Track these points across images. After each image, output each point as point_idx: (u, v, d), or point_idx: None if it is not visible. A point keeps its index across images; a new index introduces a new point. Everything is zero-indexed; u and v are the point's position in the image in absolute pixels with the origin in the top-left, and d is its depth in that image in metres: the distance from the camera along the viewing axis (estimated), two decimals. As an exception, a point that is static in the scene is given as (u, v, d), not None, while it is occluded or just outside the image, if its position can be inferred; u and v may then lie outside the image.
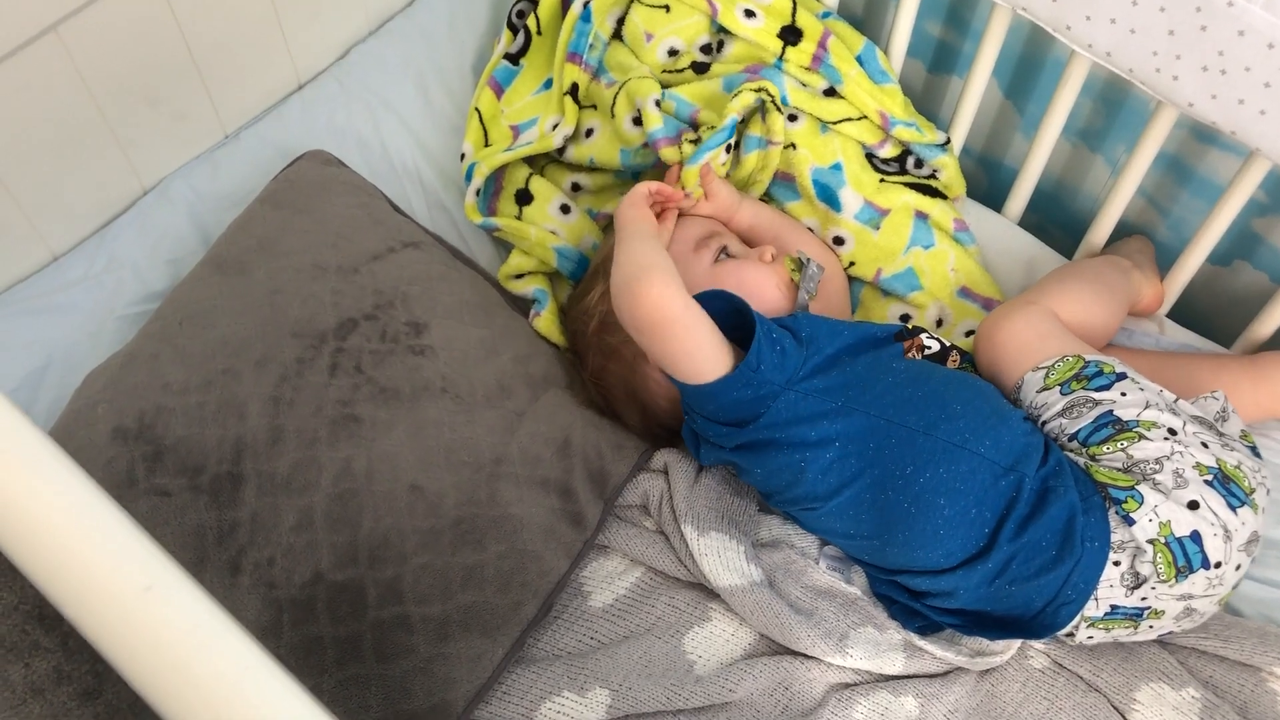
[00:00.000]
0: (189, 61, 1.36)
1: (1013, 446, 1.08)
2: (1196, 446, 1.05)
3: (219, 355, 1.18)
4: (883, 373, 1.13)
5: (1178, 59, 1.10)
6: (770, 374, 1.09)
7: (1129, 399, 1.08)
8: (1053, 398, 1.11)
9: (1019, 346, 1.15)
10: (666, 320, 1.07)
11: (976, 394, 1.13)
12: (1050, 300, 1.20)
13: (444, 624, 1.08)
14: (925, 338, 1.19)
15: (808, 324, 1.15)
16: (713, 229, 1.26)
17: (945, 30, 1.44)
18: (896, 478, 1.07)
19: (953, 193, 1.40)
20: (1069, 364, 1.12)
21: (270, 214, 1.32)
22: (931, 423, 1.08)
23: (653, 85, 1.31)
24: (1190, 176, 1.33)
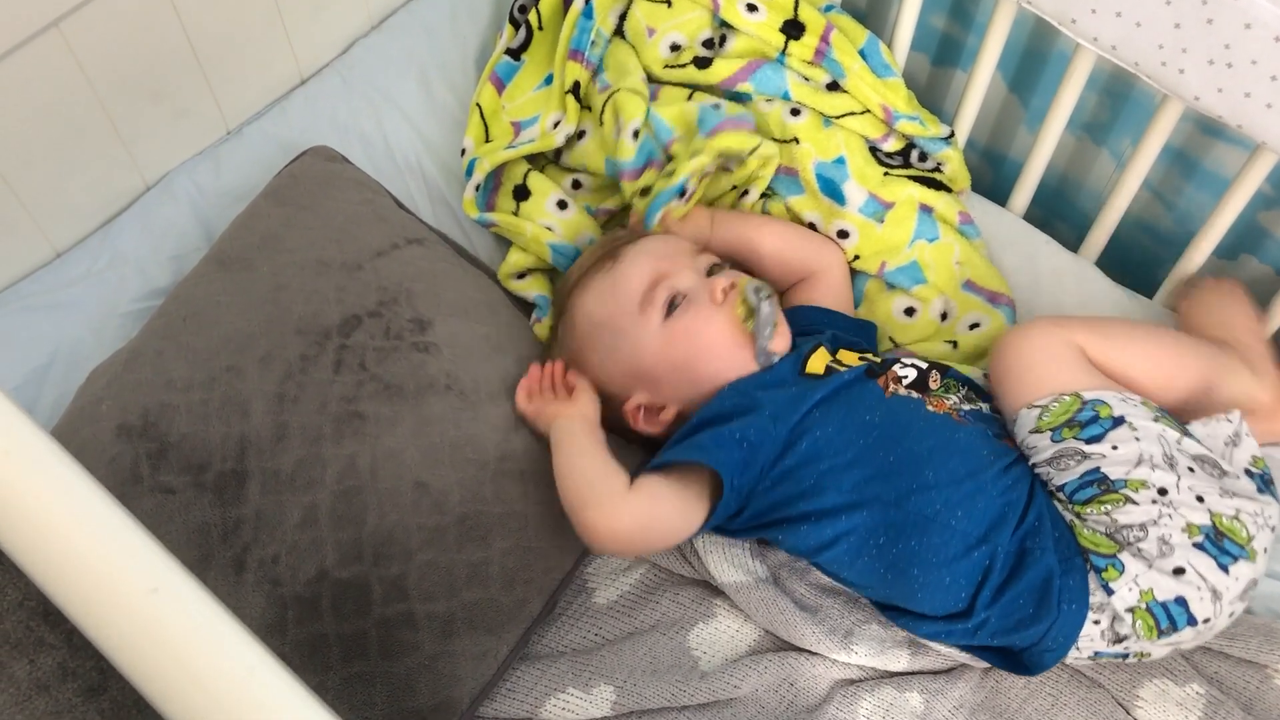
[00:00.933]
0: (191, 57, 1.36)
1: (987, 512, 1.06)
2: (1189, 505, 1.01)
3: (223, 352, 1.18)
4: (855, 433, 1.10)
5: (1184, 52, 1.09)
6: (746, 480, 1.09)
7: (1120, 453, 1.03)
8: (1043, 443, 1.07)
9: (1023, 370, 1.11)
10: (627, 542, 1.08)
11: (953, 453, 1.09)
12: (1079, 329, 1.13)
13: (449, 621, 1.08)
14: (899, 367, 1.16)
15: (770, 402, 1.12)
16: (657, 274, 1.17)
17: (949, 23, 1.43)
18: (870, 546, 1.08)
19: (957, 186, 1.40)
20: (1064, 406, 1.07)
21: (274, 210, 1.32)
22: (903, 494, 1.07)
23: (638, 106, 1.29)
24: (1196, 170, 1.33)
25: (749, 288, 1.16)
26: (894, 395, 1.13)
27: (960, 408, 1.14)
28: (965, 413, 1.14)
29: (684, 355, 1.16)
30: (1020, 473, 1.09)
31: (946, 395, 1.16)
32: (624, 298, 1.18)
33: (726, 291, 1.16)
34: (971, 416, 1.14)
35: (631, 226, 1.28)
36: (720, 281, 1.16)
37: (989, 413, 1.15)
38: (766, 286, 1.16)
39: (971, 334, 1.32)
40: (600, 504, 1.06)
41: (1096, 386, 1.07)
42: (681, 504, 1.08)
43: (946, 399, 1.15)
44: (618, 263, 1.20)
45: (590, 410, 1.16)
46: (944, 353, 1.30)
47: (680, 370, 1.16)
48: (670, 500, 1.08)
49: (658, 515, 1.07)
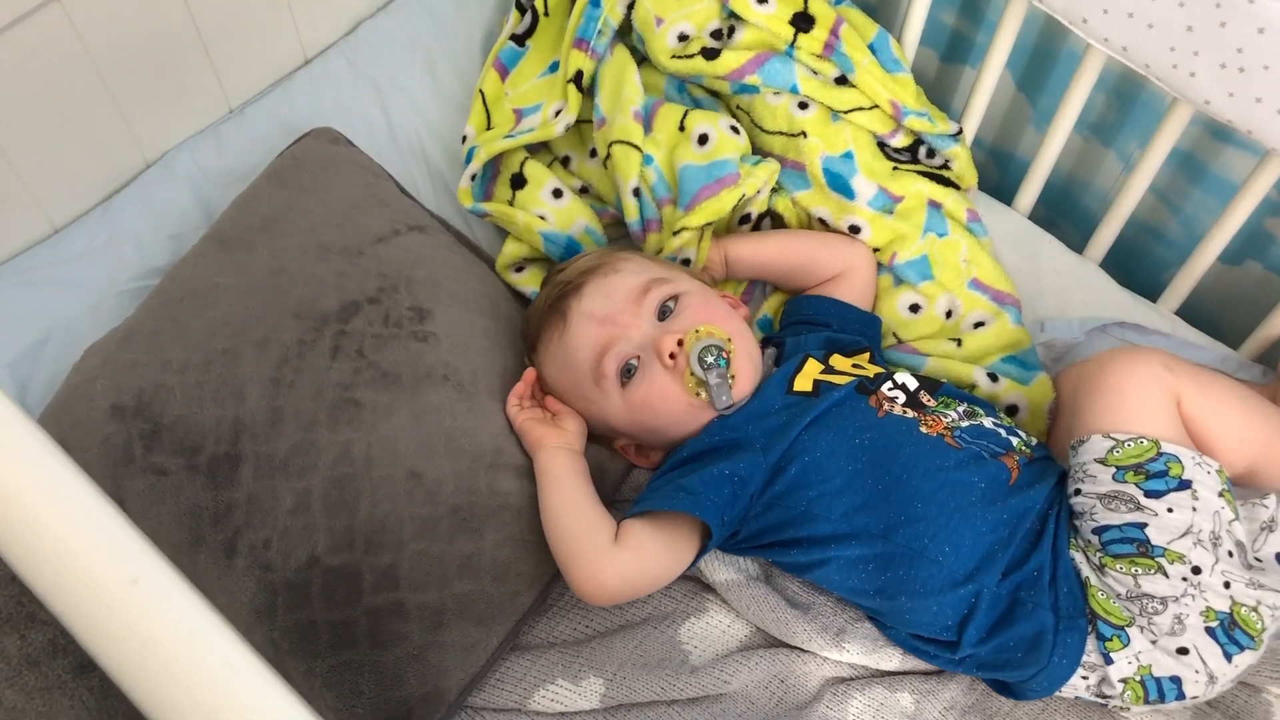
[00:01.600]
0: (194, 34, 1.35)
1: (975, 549, 1.04)
2: (1215, 589, 0.99)
3: (219, 334, 1.17)
4: (845, 458, 1.09)
5: (1195, 55, 1.08)
6: (735, 513, 1.09)
7: (1172, 518, 1.00)
8: (1103, 475, 1.04)
9: (1117, 397, 1.06)
10: (614, 596, 1.07)
11: (943, 483, 1.07)
12: (1186, 379, 1.07)
13: (439, 612, 1.08)
14: (888, 388, 1.14)
15: (760, 434, 1.11)
16: (603, 342, 1.14)
17: (959, 20, 1.42)
18: (860, 571, 1.08)
19: (964, 183, 1.39)
20: (1140, 449, 1.03)
21: (275, 192, 1.31)
22: (892, 526, 1.06)
23: (633, 164, 1.29)
24: (1203, 174, 1.32)
25: (694, 360, 1.11)
26: (887, 415, 1.11)
27: (958, 426, 1.12)
28: (962, 431, 1.11)
29: (649, 422, 1.15)
30: (1021, 506, 1.06)
31: (944, 411, 1.13)
32: (578, 370, 1.16)
33: (675, 354, 1.12)
34: (969, 435, 1.11)
35: None
36: (666, 344, 1.12)
37: (991, 427, 1.13)
38: (715, 346, 1.12)
39: (976, 333, 1.31)
40: (586, 562, 1.06)
41: (1177, 441, 1.03)
42: (668, 550, 1.08)
43: (944, 416, 1.13)
44: (566, 327, 1.17)
45: (576, 441, 1.16)
46: (947, 350, 1.29)
47: (650, 431, 1.17)
48: (656, 549, 1.08)
49: (645, 567, 1.07)
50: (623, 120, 1.30)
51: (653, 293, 1.16)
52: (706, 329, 1.13)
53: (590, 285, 1.18)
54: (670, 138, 1.32)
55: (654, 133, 1.33)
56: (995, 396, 1.25)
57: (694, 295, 1.18)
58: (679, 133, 1.31)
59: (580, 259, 1.26)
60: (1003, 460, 1.09)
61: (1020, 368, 1.27)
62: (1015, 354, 1.28)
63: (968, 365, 1.27)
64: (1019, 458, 1.10)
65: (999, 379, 1.26)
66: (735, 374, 1.13)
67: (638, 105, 1.31)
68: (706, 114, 1.32)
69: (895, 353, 1.30)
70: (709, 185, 1.26)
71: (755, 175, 1.28)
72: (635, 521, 1.09)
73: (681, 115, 1.32)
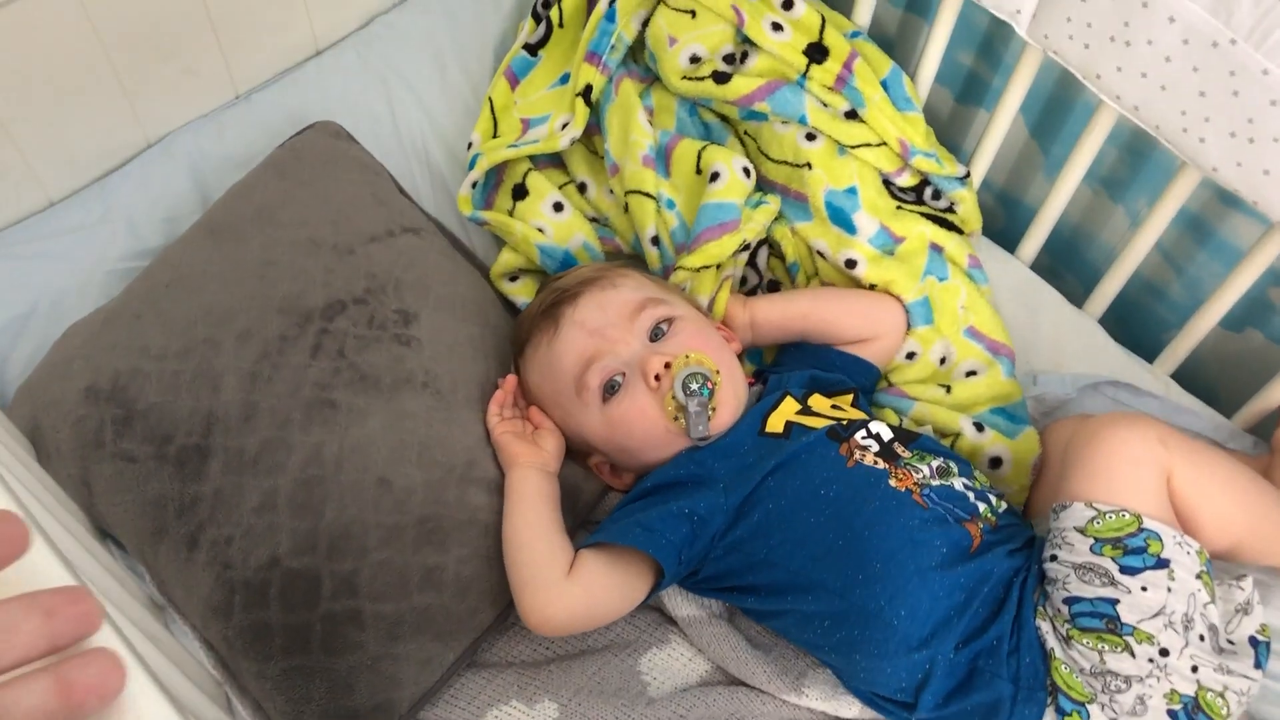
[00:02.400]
0: (204, 16, 1.34)
1: (932, 613, 1.02)
2: (1181, 673, 0.96)
3: (201, 323, 1.16)
4: (808, 508, 1.06)
5: (1206, 121, 1.06)
6: (694, 552, 1.07)
7: (1145, 597, 0.97)
8: (1081, 545, 1.01)
9: (1105, 467, 1.02)
10: (559, 630, 1.06)
11: (904, 543, 1.04)
12: (1179, 454, 1.03)
13: (396, 623, 1.06)
14: (861, 436, 1.11)
15: (724, 472, 1.09)
16: (590, 354, 1.14)
17: (976, 61, 1.40)
18: (815, 626, 1.06)
19: (968, 228, 1.37)
20: (1120, 523, 1.00)
21: (272, 182, 1.30)
22: (849, 584, 1.04)
23: (649, 213, 1.28)
24: (1210, 237, 1.30)
25: (678, 385, 1.10)
26: (856, 465, 1.09)
27: (928, 483, 1.09)
28: (931, 490, 1.08)
29: (624, 441, 1.14)
30: (979, 571, 1.04)
31: (917, 465, 1.11)
32: (561, 379, 1.16)
33: (660, 376, 1.11)
34: (937, 495, 1.08)
35: None
36: (653, 365, 1.11)
37: (961, 490, 1.10)
38: (701, 374, 1.11)
39: (967, 381, 1.29)
40: (535, 592, 1.05)
41: (1160, 518, 1.01)
42: (621, 585, 1.07)
43: (915, 470, 1.10)
44: (556, 333, 1.16)
45: (552, 461, 1.15)
46: (936, 396, 1.28)
47: (624, 451, 1.16)
48: (608, 584, 1.06)
49: (594, 603, 1.06)
50: (633, 168, 1.29)
51: (647, 312, 1.15)
52: (696, 356, 1.12)
53: (586, 295, 1.17)
54: (688, 180, 1.31)
55: (672, 177, 1.32)
56: (980, 447, 1.23)
57: (688, 321, 1.17)
58: (696, 175, 1.30)
59: (582, 269, 1.25)
60: (966, 526, 1.07)
61: (1008, 420, 1.25)
62: (1004, 406, 1.27)
63: (954, 413, 1.25)
64: (983, 525, 1.08)
65: (985, 429, 1.24)
66: (716, 406, 1.11)
67: (646, 149, 1.30)
68: (721, 151, 1.30)
69: (884, 395, 1.29)
70: (712, 228, 1.24)
71: (754, 220, 1.26)
72: (590, 554, 1.08)
73: (697, 154, 1.31)
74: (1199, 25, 1.02)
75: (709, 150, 1.31)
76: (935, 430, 1.24)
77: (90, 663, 0.47)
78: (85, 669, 0.47)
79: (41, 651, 0.46)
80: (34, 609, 0.46)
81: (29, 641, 0.45)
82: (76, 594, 0.48)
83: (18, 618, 0.45)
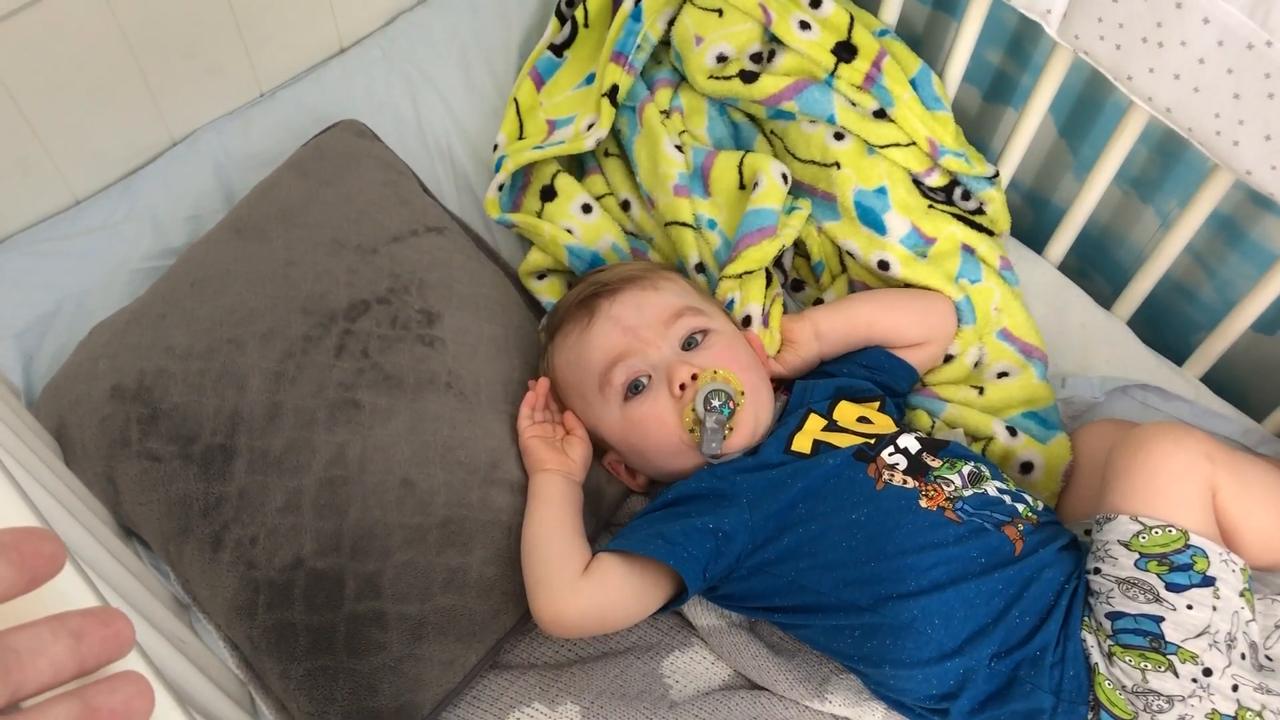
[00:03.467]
0: (229, 14, 1.34)
1: (966, 624, 1.00)
2: (1223, 692, 0.94)
3: (226, 323, 1.16)
4: (840, 534, 1.05)
5: (1240, 124, 1.05)
6: (719, 568, 1.06)
7: (1191, 615, 0.96)
8: (1125, 559, 0.99)
9: (1149, 479, 1.00)
10: (571, 630, 1.05)
11: (939, 560, 1.02)
12: (1224, 470, 1.01)
13: (420, 624, 1.06)
14: (888, 454, 1.09)
15: (748, 488, 1.08)
16: (619, 352, 1.13)
17: (1005, 60, 1.39)
18: (845, 638, 1.05)
19: (998, 228, 1.36)
20: (1166, 538, 0.98)
21: (296, 182, 1.30)
22: (880, 599, 1.02)
23: (689, 242, 1.27)
24: (1242, 239, 1.28)
25: (700, 399, 1.09)
26: (886, 487, 1.07)
27: (960, 495, 1.07)
28: (964, 503, 1.06)
29: (638, 444, 1.14)
30: (1020, 576, 1.02)
31: (947, 477, 1.08)
32: (587, 371, 1.15)
33: (685, 386, 1.11)
34: (971, 505, 1.06)
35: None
36: (680, 373, 1.10)
37: (995, 494, 1.08)
38: (724, 392, 1.10)
39: (999, 383, 1.28)
40: (550, 590, 1.05)
41: (1207, 534, 0.99)
42: (637, 592, 1.06)
43: (946, 483, 1.08)
44: (590, 324, 1.16)
45: (578, 470, 1.15)
46: (968, 398, 1.27)
47: (639, 453, 1.15)
48: (623, 590, 1.06)
49: (608, 605, 1.05)
50: (666, 199, 1.29)
51: (684, 320, 1.15)
52: (724, 374, 1.11)
53: (626, 293, 1.17)
54: (730, 197, 1.30)
55: (712, 195, 1.31)
56: (1012, 452, 1.22)
57: (723, 335, 1.16)
58: (739, 191, 1.30)
59: (627, 265, 1.25)
60: (1005, 530, 1.05)
61: (1040, 425, 1.24)
62: (1037, 410, 1.25)
63: (987, 416, 1.24)
64: (1023, 526, 1.06)
65: (1017, 434, 1.23)
66: (734, 427, 1.10)
67: (676, 179, 1.29)
68: (761, 159, 1.29)
69: (916, 397, 1.28)
70: (751, 234, 1.23)
71: (790, 225, 1.26)
72: (610, 557, 1.07)
73: (738, 167, 1.30)
74: (1234, 27, 1.00)
75: (749, 160, 1.30)
76: (967, 433, 1.23)
77: (118, 687, 0.46)
78: (112, 694, 0.46)
79: (69, 675, 0.46)
80: (62, 631, 0.46)
81: (56, 665, 0.45)
82: (107, 615, 0.48)
83: (45, 640, 0.45)
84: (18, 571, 0.46)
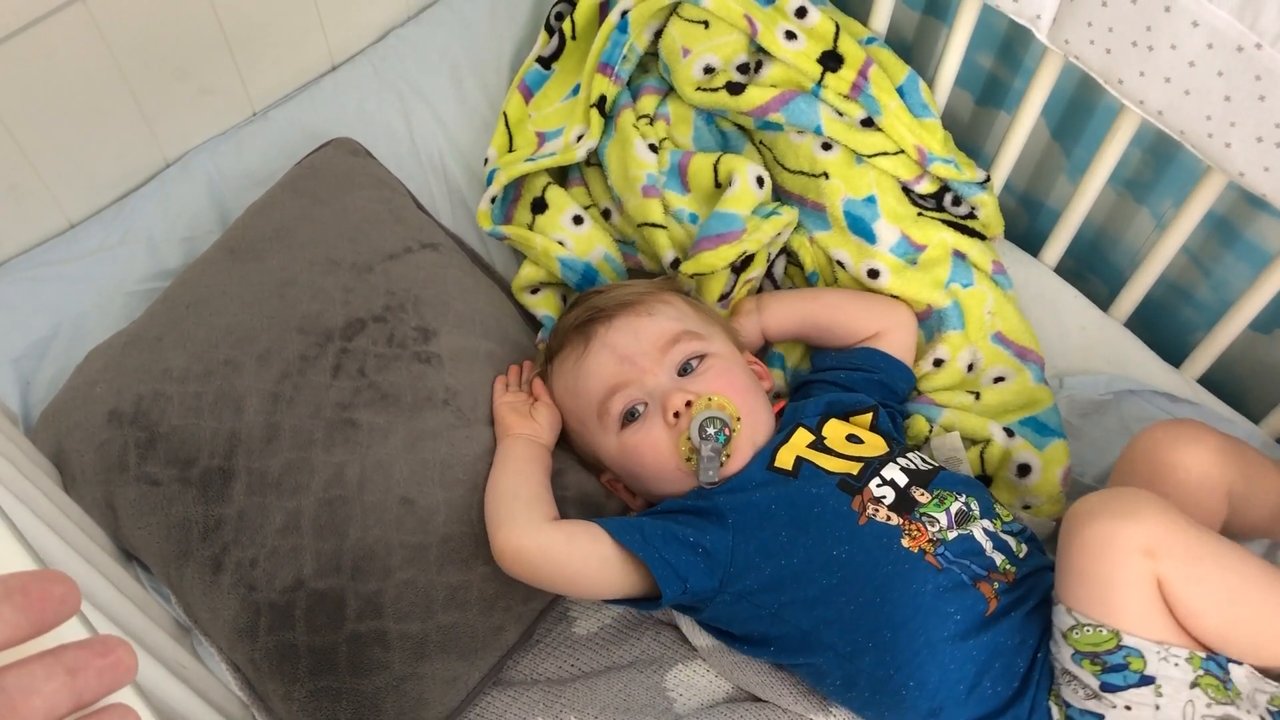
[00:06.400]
0: (219, 35, 1.34)
1: (941, 685, 0.98)
2: None
3: (222, 345, 1.16)
4: (821, 569, 1.03)
5: (1232, 126, 1.04)
6: (700, 583, 1.05)
7: (1131, 715, 0.91)
8: (1063, 652, 0.95)
9: (1082, 572, 0.93)
10: (527, 566, 1.04)
11: (915, 612, 0.99)
12: (1171, 555, 0.91)
13: (422, 643, 1.06)
14: (876, 485, 1.07)
15: (731, 509, 1.07)
16: (616, 381, 1.13)
17: (996, 64, 1.39)
18: (829, 682, 1.05)
19: (990, 233, 1.36)
20: (1098, 638, 0.93)
21: (290, 201, 1.30)
22: (859, 649, 1.01)
23: (664, 242, 1.28)
24: (1237, 239, 1.28)
25: (695, 427, 1.09)
26: (868, 522, 1.04)
27: (943, 538, 1.04)
28: (946, 547, 1.03)
29: (635, 470, 1.14)
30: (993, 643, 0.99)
31: (932, 516, 1.05)
32: (584, 398, 1.15)
33: (679, 414, 1.10)
34: (952, 552, 1.03)
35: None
36: (674, 401, 1.10)
37: (979, 539, 1.05)
38: (720, 419, 1.09)
39: (995, 387, 1.28)
40: (516, 525, 1.05)
41: (1141, 633, 0.91)
42: (602, 563, 1.05)
43: (931, 523, 1.05)
44: (586, 352, 1.16)
45: (546, 434, 1.16)
46: (964, 403, 1.26)
47: (636, 479, 1.15)
48: (590, 553, 1.05)
49: (569, 557, 1.04)
50: (635, 201, 1.29)
51: (681, 345, 1.14)
52: (719, 400, 1.10)
53: (622, 319, 1.16)
54: (706, 194, 1.30)
55: (691, 192, 1.31)
56: (1010, 453, 1.22)
57: (720, 359, 1.15)
58: (715, 189, 1.30)
59: (623, 288, 1.24)
60: (980, 587, 1.02)
61: (1037, 432, 1.24)
62: (1034, 415, 1.25)
63: (984, 419, 1.24)
64: (998, 583, 1.03)
65: (1014, 435, 1.23)
66: (731, 453, 1.10)
67: (645, 180, 1.29)
68: (737, 160, 1.29)
69: (913, 403, 1.27)
70: (710, 238, 1.23)
71: (762, 230, 1.24)
72: (591, 524, 1.07)
73: (714, 165, 1.30)
74: (1224, 29, 1.00)
75: (725, 160, 1.30)
76: (965, 436, 1.23)
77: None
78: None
79: (65, 711, 0.45)
80: (57, 668, 0.45)
81: (50, 704, 0.44)
82: (105, 645, 0.47)
83: (37, 679, 0.45)
84: (25, 616, 0.45)
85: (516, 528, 1.05)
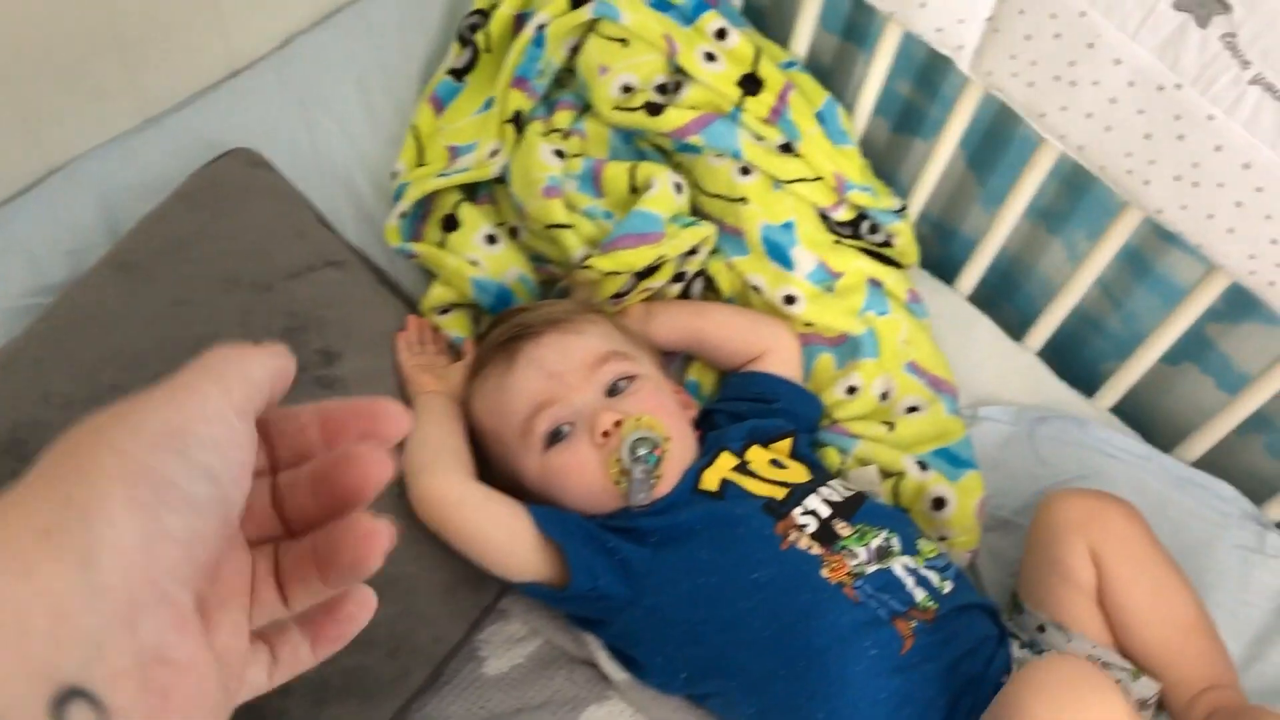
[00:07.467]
0: (111, 34, 1.26)
1: (854, 718, 0.97)
2: None
3: (109, 368, 1.09)
4: (738, 592, 1.01)
5: (1151, 164, 1.05)
6: (611, 587, 1.04)
7: None
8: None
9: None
10: (446, 512, 1.05)
11: (831, 642, 0.98)
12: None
13: (322, 687, 1.01)
14: (799, 513, 1.05)
15: (652, 528, 1.06)
16: (542, 399, 1.09)
17: (914, 92, 1.39)
18: (738, 713, 1.04)
19: (906, 261, 1.35)
20: None
21: (185, 214, 1.23)
22: (770, 676, 1.00)
23: (573, 241, 1.24)
24: (1148, 272, 1.29)
25: (625, 448, 1.06)
26: (790, 549, 1.03)
27: (862, 571, 1.03)
28: (865, 581, 1.02)
29: (558, 492, 1.10)
30: (904, 691, 0.98)
31: (854, 549, 1.04)
32: (507, 417, 1.12)
33: (608, 434, 1.07)
34: (871, 585, 1.02)
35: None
36: (604, 420, 1.07)
37: (900, 574, 1.04)
38: (649, 440, 1.07)
39: (909, 418, 1.27)
40: (439, 473, 1.07)
41: None
42: (516, 531, 1.06)
43: (851, 557, 1.04)
44: (510, 369, 1.12)
45: (460, 389, 1.16)
46: (878, 434, 1.25)
47: (556, 502, 1.11)
48: (506, 524, 1.06)
49: (487, 515, 1.06)
50: (536, 203, 1.25)
51: (610, 365, 1.11)
52: (649, 420, 1.08)
53: (549, 337, 1.13)
54: (621, 198, 1.27)
55: (607, 196, 1.28)
56: (924, 486, 1.21)
57: (649, 381, 1.13)
58: (631, 194, 1.26)
59: (549, 306, 1.21)
60: (896, 624, 1.00)
61: (950, 463, 1.23)
62: (947, 446, 1.24)
63: (897, 452, 1.23)
64: (916, 623, 1.02)
65: (928, 468, 1.22)
66: (661, 475, 1.07)
67: (545, 182, 1.25)
68: (655, 167, 1.27)
69: (826, 434, 1.26)
70: (630, 236, 1.20)
71: (681, 238, 1.21)
72: (513, 500, 1.08)
73: (629, 170, 1.27)
74: (1145, 68, 1.00)
75: (643, 166, 1.27)
76: (880, 469, 1.21)
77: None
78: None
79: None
80: None
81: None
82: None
83: None
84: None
85: (438, 474, 1.07)
